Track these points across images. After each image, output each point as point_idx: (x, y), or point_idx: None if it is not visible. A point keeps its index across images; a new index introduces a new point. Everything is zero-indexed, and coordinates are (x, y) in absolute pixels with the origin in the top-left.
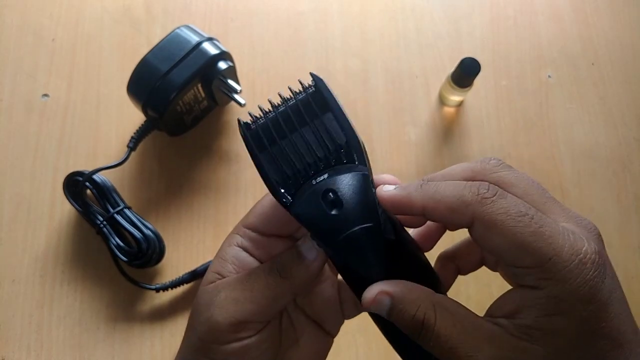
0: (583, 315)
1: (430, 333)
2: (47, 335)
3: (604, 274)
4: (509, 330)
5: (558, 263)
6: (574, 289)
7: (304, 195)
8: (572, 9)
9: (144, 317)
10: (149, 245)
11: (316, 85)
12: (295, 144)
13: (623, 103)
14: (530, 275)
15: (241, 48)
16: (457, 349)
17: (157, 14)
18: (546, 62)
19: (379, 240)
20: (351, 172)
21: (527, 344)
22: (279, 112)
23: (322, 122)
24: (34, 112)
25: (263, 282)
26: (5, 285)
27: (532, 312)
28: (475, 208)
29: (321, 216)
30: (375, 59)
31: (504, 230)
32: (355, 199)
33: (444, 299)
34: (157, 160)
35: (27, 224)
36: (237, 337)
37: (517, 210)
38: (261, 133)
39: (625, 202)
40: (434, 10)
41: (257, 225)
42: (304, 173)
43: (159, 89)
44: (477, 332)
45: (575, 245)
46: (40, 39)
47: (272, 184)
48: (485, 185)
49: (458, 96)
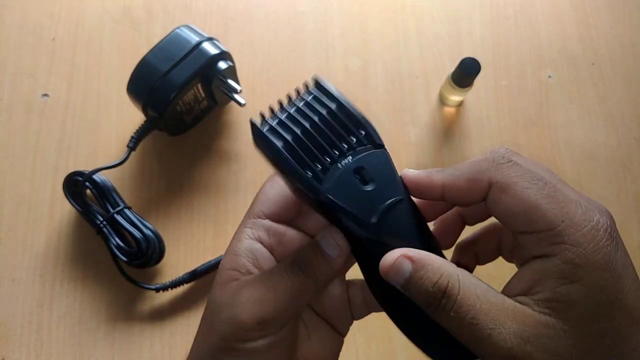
0: (600, 284)
1: (452, 302)
2: (47, 334)
3: (617, 245)
4: (530, 306)
5: (571, 226)
6: (588, 253)
7: (333, 178)
8: (572, 9)
9: (143, 317)
10: (148, 245)
11: (319, 84)
12: (313, 134)
13: (623, 103)
14: (542, 241)
15: (241, 48)
16: (479, 322)
17: (157, 13)
18: (546, 62)
19: (412, 211)
20: (371, 150)
21: (550, 318)
22: (291, 109)
23: (334, 113)
24: (34, 112)
25: (286, 281)
26: (5, 285)
27: (549, 283)
28: (492, 173)
29: (355, 193)
30: (375, 59)
31: (517, 192)
32: (384, 174)
33: (465, 271)
34: (157, 160)
35: (27, 223)
36: (261, 335)
37: (532, 175)
38: (278, 128)
39: (625, 202)
40: (434, 10)
41: (265, 212)
42: (329, 159)
43: (159, 88)
44: (500, 306)
45: (587, 213)
46: (40, 38)
47: (298, 174)
48: (501, 152)
49: (458, 96)
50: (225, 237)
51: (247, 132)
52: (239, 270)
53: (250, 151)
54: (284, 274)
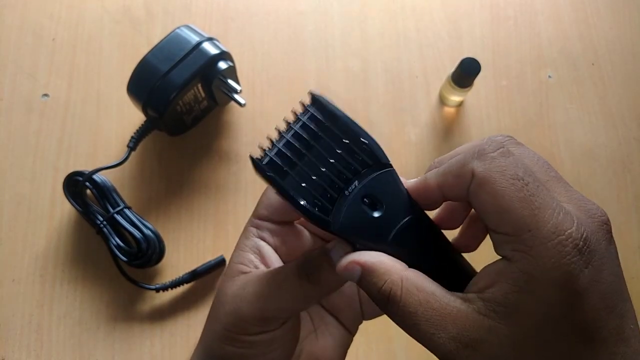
0: (552, 300)
1: (396, 307)
2: (47, 334)
3: (587, 262)
4: (477, 307)
5: (536, 237)
6: (546, 268)
7: (342, 209)
8: (573, 9)
9: (143, 317)
10: (148, 245)
11: (315, 100)
12: (316, 162)
13: (623, 103)
14: (507, 244)
15: (241, 48)
16: (420, 326)
17: (157, 13)
18: (546, 62)
19: (423, 229)
20: (378, 172)
21: (492, 322)
22: (289, 135)
23: (334, 132)
24: (34, 112)
25: (291, 283)
26: (5, 285)
27: (503, 287)
28: (474, 164)
29: (366, 222)
30: (375, 59)
31: (493, 189)
32: (391, 197)
33: (415, 274)
34: (157, 160)
35: (27, 223)
36: (263, 330)
37: (514, 173)
38: (278, 161)
39: (625, 202)
40: (434, 10)
41: (267, 214)
42: (335, 187)
43: (159, 88)
44: (443, 311)
45: (560, 225)
46: (40, 38)
47: (306, 211)
48: (498, 140)
49: (458, 96)
50: (225, 238)
51: (247, 132)
52: (246, 265)
53: (250, 151)
54: (290, 275)
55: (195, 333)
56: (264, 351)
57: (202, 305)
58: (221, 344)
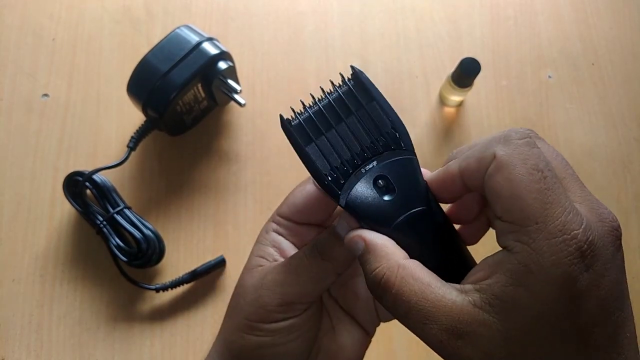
0: (548, 298)
1: (389, 294)
2: (47, 334)
3: (588, 266)
4: (472, 299)
5: (541, 231)
6: (546, 265)
7: (353, 184)
8: (572, 9)
9: (143, 317)
10: (148, 246)
11: (356, 76)
12: (341, 135)
13: (623, 103)
14: (511, 233)
15: (241, 48)
16: (412, 316)
17: (157, 13)
18: (546, 62)
19: (432, 223)
20: (399, 157)
21: (487, 315)
22: (321, 105)
23: (366, 111)
24: (34, 112)
25: (305, 265)
26: (5, 285)
27: (501, 279)
28: (497, 147)
29: (374, 203)
30: (375, 59)
31: (511, 175)
32: (406, 184)
33: (413, 264)
34: (157, 160)
35: (27, 223)
36: (284, 317)
37: (535, 163)
38: (305, 126)
39: (625, 202)
40: (434, 11)
41: (289, 214)
42: (352, 162)
43: (159, 88)
44: (437, 302)
45: (568, 224)
46: (40, 38)
47: (319, 176)
48: (522, 131)
49: (458, 96)
50: (225, 238)
51: (247, 132)
52: (266, 258)
53: (250, 151)
54: (304, 258)
55: (195, 333)
56: (284, 340)
57: (202, 306)
58: (242, 334)
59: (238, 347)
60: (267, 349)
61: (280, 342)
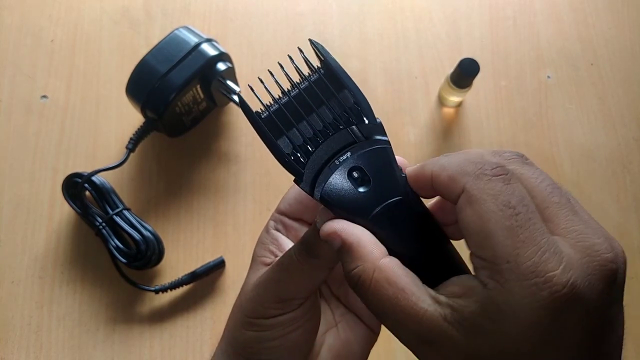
0: (517, 338)
1: (364, 293)
2: (47, 336)
3: (565, 310)
4: (444, 313)
5: (513, 272)
6: (516, 308)
7: (327, 177)
8: (572, 9)
9: (143, 318)
10: (148, 247)
11: (325, 65)
12: (305, 118)
13: (622, 103)
14: (484, 269)
15: (240, 49)
16: (386, 318)
17: (156, 15)
18: (545, 63)
19: (409, 213)
20: (373, 147)
21: (455, 333)
22: (290, 95)
23: (335, 97)
24: (33, 113)
25: (295, 263)
26: (5, 286)
27: (473, 306)
28: (469, 180)
29: (349, 196)
30: (375, 60)
31: (481, 211)
32: (382, 174)
33: (390, 264)
34: (156, 161)
35: (26, 225)
36: (281, 312)
37: (506, 200)
38: (275, 119)
39: (625, 203)
40: (433, 11)
41: (284, 210)
42: (314, 140)
43: (158, 90)
44: (409, 310)
45: (541, 265)
46: (39, 40)
47: (279, 154)
48: (493, 163)
49: (457, 97)
50: (224, 238)
51: (246, 133)
52: (267, 257)
53: (249, 152)
54: (293, 257)
55: (195, 334)
56: (283, 332)
57: (202, 307)
58: (242, 330)
59: (240, 343)
60: (267, 342)
61: (279, 334)
